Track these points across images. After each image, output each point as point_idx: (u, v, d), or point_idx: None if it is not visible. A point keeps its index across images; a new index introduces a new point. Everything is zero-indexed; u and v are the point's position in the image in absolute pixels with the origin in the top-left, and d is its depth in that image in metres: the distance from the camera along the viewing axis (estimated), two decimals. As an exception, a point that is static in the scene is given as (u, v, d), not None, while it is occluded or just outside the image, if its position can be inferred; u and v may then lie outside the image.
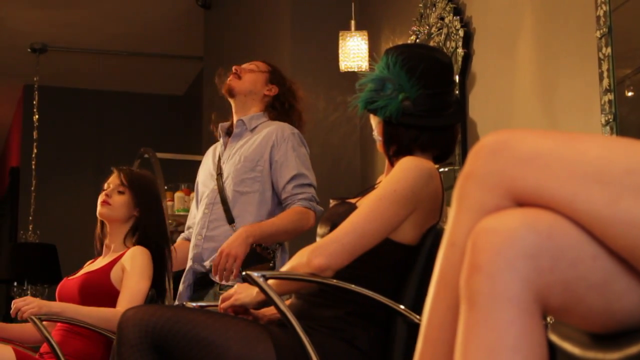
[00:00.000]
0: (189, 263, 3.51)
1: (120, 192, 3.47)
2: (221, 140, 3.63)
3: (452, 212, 1.29)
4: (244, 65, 3.62)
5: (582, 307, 1.18)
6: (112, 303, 3.29)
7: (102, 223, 3.58)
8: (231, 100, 3.60)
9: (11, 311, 3.22)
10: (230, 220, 3.43)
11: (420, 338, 1.32)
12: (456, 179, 3.86)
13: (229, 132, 3.61)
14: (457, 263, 1.25)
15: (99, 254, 3.59)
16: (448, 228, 1.30)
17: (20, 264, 7.34)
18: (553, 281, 1.15)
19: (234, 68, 3.60)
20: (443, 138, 2.55)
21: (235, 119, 3.59)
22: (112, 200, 3.46)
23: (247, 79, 3.58)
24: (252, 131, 3.53)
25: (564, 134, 1.24)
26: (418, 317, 2.31)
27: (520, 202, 1.22)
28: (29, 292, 7.22)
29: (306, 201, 3.39)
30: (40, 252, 7.38)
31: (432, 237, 2.42)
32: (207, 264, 3.44)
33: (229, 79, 3.59)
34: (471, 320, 1.16)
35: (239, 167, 3.45)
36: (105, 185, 3.52)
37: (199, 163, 3.78)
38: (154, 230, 3.47)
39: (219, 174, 3.51)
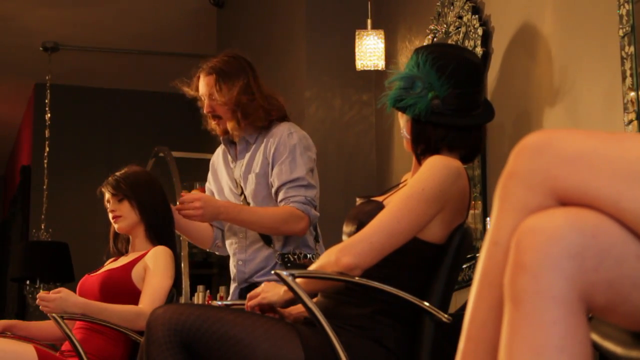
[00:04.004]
0: (234, 284, 3.50)
1: (120, 201, 3.50)
2: (223, 150, 3.58)
3: (494, 211, 1.29)
4: (206, 102, 3.44)
5: (627, 305, 1.19)
6: (132, 301, 3.31)
7: (115, 237, 3.62)
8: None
9: (37, 301, 3.25)
10: (268, 241, 3.40)
11: (463, 336, 1.32)
12: (474, 176, 3.86)
13: (231, 141, 3.53)
14: (500, 262, 1.26)
15: (119, 254, 3.62)
16: (490, 227, 1.30)
17: (32, 263, 7.35)
18: (598, 280, 1.16)
19: (205, 112, 3.47)
20: (471, 138, 2.56)
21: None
22: (119, 212, 3.50)
23: (222, 112, 3.43)
24: (255, 143, 3.46)
25: (607, 133, 1.24)
26: (445, 315, 2.31)
27: (564, 202, 1.22)
28: (41, 290, 7.22)
29: (300, 204, 3.30)
30: (53, 250, 7.39)
31: (459, 235, 2.43)
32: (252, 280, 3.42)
33: (216, 125, 3.47)
34: (516, 320, 1.16)
35: (254, 188, 3.41)
36: (106, 204, 3.55)
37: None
38: (158, 208, 3.49)
39: (242, 193, 3.46)
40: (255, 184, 3.41)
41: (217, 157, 3.65)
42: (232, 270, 3.51)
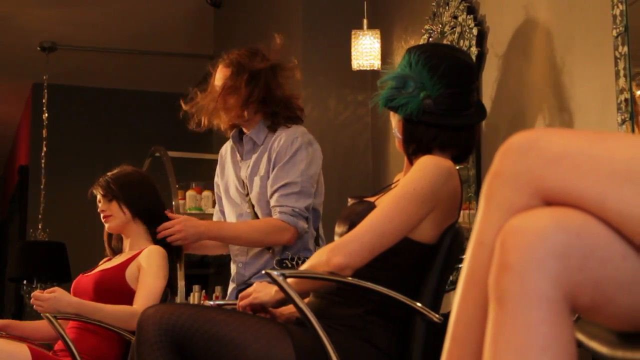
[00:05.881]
0: (232, 284, 3.49)
1: (110, 201, 3.50)
2: (232, 146, 3.56)
3: (480, 211, 1.29)
4: (219, 93, 3.38)
5: (612, 306, 1.18)
6: (126, 301, 3.31)
7: (109, 237, 3.62)
8: None
9: (31, 300, 3.25)
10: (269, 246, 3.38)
11: (448, 336, 1.32)
12: (469, 177, 3.85)
13: (240, 138, 3.52)
14: (485, 262, 1.26)
15: (113, 254, 3.62)
16: (476, 227, 1.30)
17: (29, 262, 7.34)
18: (582, 280, 1.16)
19: (217, 104, 3.40)
20: (463, 138, 2.55)
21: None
22: (109, 211, 3.50)
23: (233, 105, 3.39)
24: (262, 144, 3.43)
25: (593, 133, 1.24)
26: (437, 315, 2.31)
27: (549, 202, 1.22)
28: (37, 290, 7.21)
29: (286, 215, 3.27)
30: (50, 250, 7.39)
31: (450, 235, 2.43)
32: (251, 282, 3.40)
33: (225, 118, 3.42)
34: (500, 319, 1.16)
35: (259, 191, 3.38)
36: (98, 204, 3.55)
37: (209, 161, 3.76)
38: (151, 207, 3.48)
39: (248, 194, 3.44)
40: (260, 187, 3.38)
41: (226, 152, 3.62)
42: (233, 270, 3.51)
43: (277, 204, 3.29)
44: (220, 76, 3.44)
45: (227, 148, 3.62)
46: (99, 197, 3.55)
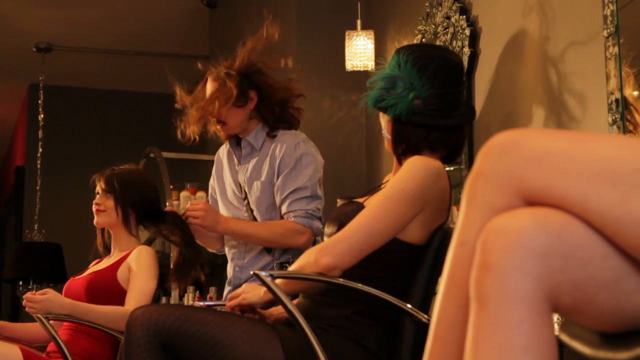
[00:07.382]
0: (228, 287, 3.48)
1: (108, 197, 3.48)
2: (228, 150, 3.56)
3: (461, 211, 1.29)
4: (214, 106, 3.37)
5: (593, 306, 1.18)
6: (119, 302, 3.30)
7: (102, 231, 3.60)
8: None
9: (23, 302, 3.24)
10: (268, 249, 3.39)
11: (430, 337, 1.31)
12: (462, 177, 3.85)
13: (237, 142, 3.52)
14: (467, 262, 1.25)
15: (105, 252, 3.61)
16: (458, 227, 1.30)
17: (25, 263, 7.34)
18: (563, 280, 1.15)
19: (210, 117, 3.41)
20: (452, 138, 2.55)
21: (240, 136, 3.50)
22: (104, 206, 3.48)
23: (229, 117, 3.39)
24: (260, 149, 3.43)
25: (575, 133, 1.24)
26: (426, 316, 2.31)
27: (531, 202, 1.21)
28: (34, 291, 7.19)
29: (301, 218, 3.28)
30: (46, 251, 7.38)
31: (439, 236, 2.43)
32: None
33: (219, 130, 3.44)
34: (481, 320, 1.16)
35: (259, 196, 3.39)
36: (95, 194, 3.53)
37: (204, 162, 3.76)
38: (148, 210, 3.47)
39: (245, 198, 3.44)
40: (260, 192, 3.39)
41: (223, 155, 3.62)
42: (230, 273, 3.50)
43: (290, 210, 3.30)
44: (210, 87, 3.45)
45: (223, 151, 3.63)
46: (98, 188, 3.53)
